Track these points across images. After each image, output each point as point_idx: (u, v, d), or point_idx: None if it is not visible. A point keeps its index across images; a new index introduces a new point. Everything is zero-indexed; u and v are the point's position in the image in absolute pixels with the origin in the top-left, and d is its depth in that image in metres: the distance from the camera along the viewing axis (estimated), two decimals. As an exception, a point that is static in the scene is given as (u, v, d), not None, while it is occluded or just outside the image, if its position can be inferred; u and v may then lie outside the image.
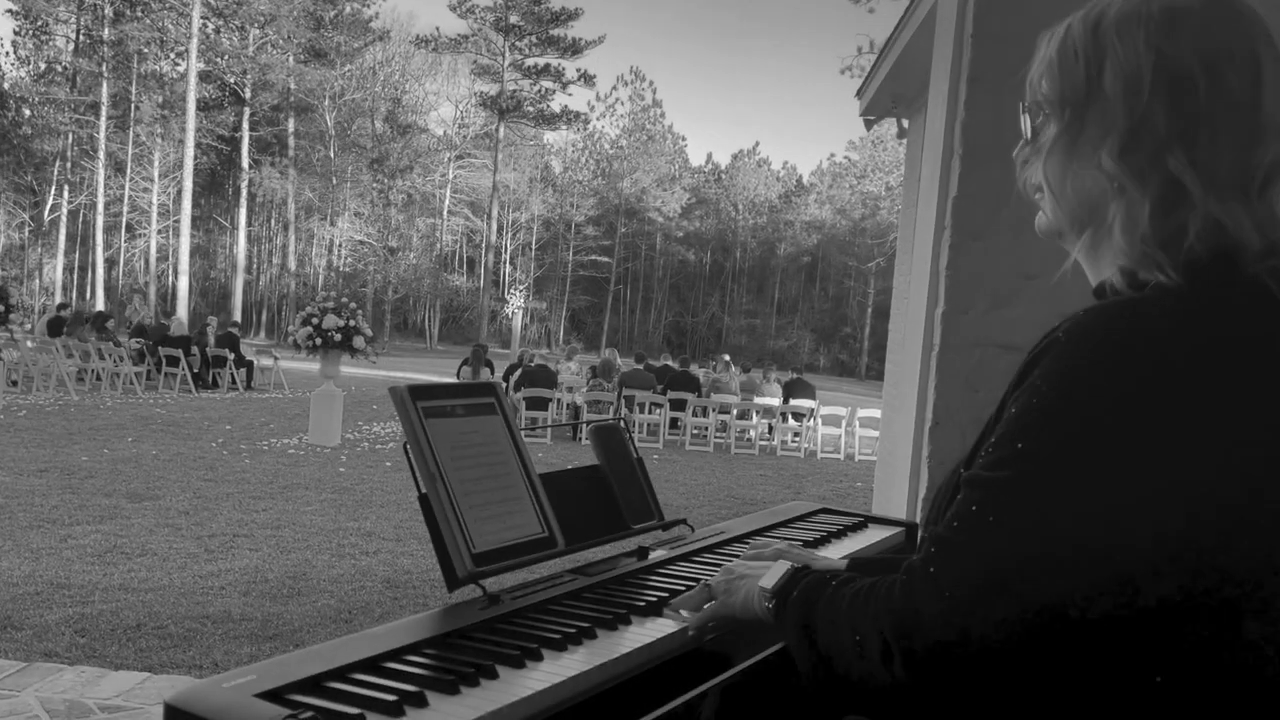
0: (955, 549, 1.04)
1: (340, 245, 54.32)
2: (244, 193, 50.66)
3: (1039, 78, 1.18)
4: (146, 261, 47.93)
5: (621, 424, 2.17)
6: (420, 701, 1.19)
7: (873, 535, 2.29)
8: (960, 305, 3.06)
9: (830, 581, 1.24)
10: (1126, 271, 1.10)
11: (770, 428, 16.66)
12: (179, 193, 45.29)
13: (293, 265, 53.86)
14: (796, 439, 16.67)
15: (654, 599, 1.65)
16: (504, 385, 16.16)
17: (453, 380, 14.88)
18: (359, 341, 12.27)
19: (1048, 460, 1.01)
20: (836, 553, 2.06)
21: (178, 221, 45.40)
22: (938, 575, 1.04)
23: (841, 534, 2.25)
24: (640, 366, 17.03)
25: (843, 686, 1.16)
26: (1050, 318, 1.12)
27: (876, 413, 14.43)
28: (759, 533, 2.22)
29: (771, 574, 1.37)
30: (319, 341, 12.12)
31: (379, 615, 5.21)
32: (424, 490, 1.64)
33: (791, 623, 1.25)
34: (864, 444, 15.60)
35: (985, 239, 3.04)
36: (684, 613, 1.57)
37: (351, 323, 12.23)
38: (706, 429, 15.89)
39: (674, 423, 15.91)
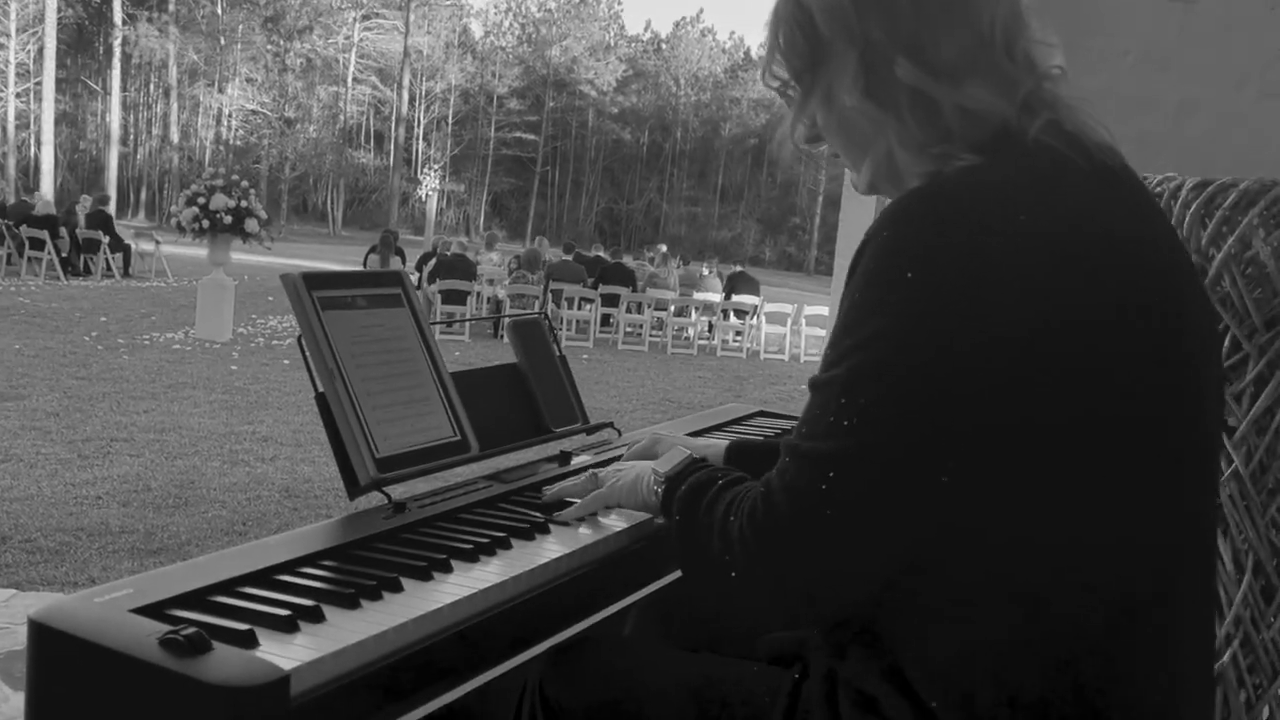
0: (803, 456, 1.14)
1: (230, 115, 52.70)
2: (117, 53, 48.68)
3: (773, 65, 1.31)
4: (3, 130, 46.09)
5: (543, 318, 2.17)
6: (316, 616, 1.20)
7: (814, 441, 2.33)
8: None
9: (717, 481, 1.34)
10: (928, 175, 1.20)
11: (710, 326, 16.77)
12: (40, 51, 43.33)
13: (175, 137, 52.21)
14: (738, 338, 16.81)
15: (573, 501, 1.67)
16: (417, 276, 16.01)
17: (358, 269, 14.66)
18: (252, 224, 12.03)
19: (874, 349, 1.10)
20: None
21: (39, 84, 43.54)
22: (791, 484, 1.14)
23: (777, 438, 2.28)
24: (569, 258, 16.95)
25: (718, 585, 1.26)
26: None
27: (825, 310, 14.59)
28: (691, 437, 2.24)
29: (667, 459, 1.47)
30: (206, 224, 11.85)
31: (276, 527, 5.22)
32: (321, 389, 1.63)
33: (675, 517, 1.36)
34: (811, 344, 15.81)
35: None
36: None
37: (243, 203, 11.97)
38: (641, 327, 15.94)
39: (606, 320, 15.93)
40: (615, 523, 1.64)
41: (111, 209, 20.87)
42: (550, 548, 1.53)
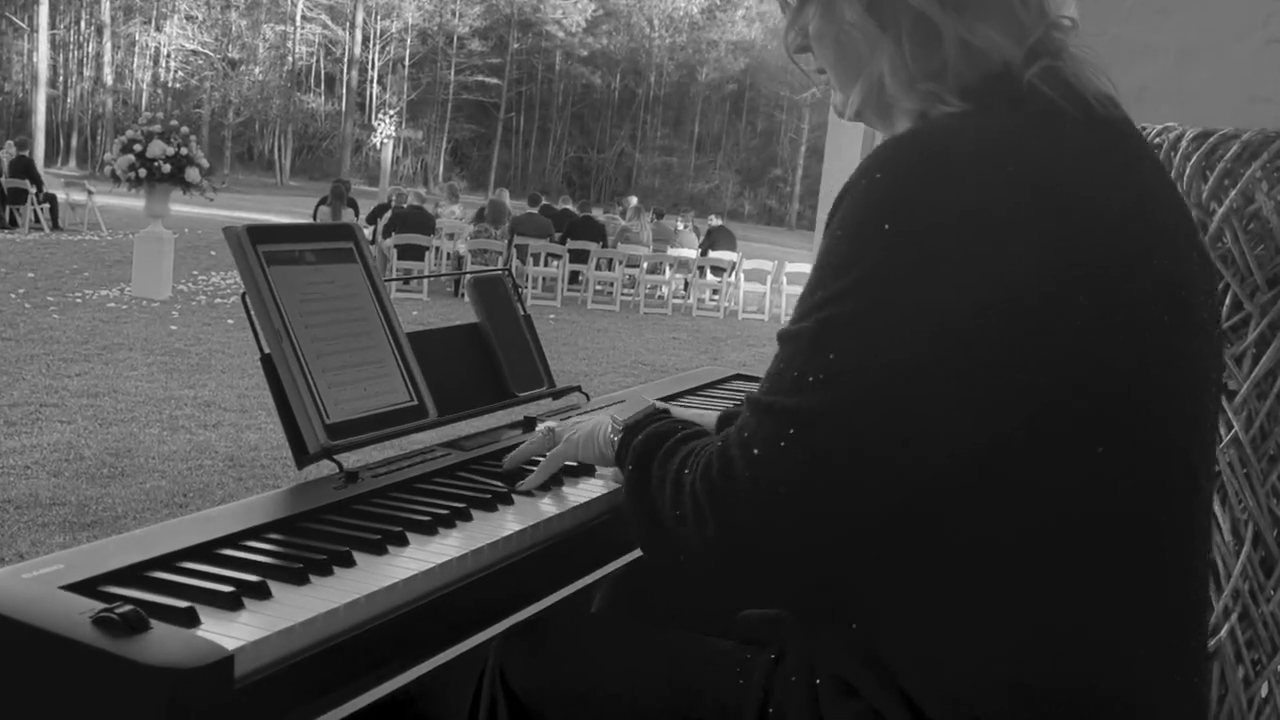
0: (764, 410, 1.14)
1: (168, 56, 51.98)
2: (44, -14, 47.85)
3: None
4: (-79, 69, 45.34)
5: (507, 275, 2.16)
6: (262, 593, 1.20)
7: (793, 406, 2.34)
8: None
9: (677, 431, 1.34)
10: (914, 114, 1.21)
11: (686, 284, 16.77)
12: (-40, -17, 42.60)
13: (109, 79, 51.48)
14: (715, 297, 16.82)
15: (532, 467, 1.67)
16: (371, 230, 15.90)
17: (307, 222, 14.55)
18: (192, 174, 11.91)
19: (846, 304, 1.10)
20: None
21: (-41, 20, 42.82)
22: (750, 439, 1.14)
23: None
24: (535, 210, 16.87)
25: (668, 545, 1.26)
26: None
27: (807, 267, 14.60)
28: (662, 401, 2.24)
29: (628, 407, 1.47)
30: (143, 173, 11.72)
31: (220, 498, 5.21)
32: (267, 350, 1.62)
33: (627, 467, 1.36)
34: (792, 303, 15.68)
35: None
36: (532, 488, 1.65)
37: (183, 151, 11.84)
38: (612, 285, 15.92)
39: (574, 277, 15.90)
40: (583, 493, 1.64)
41: (39, 155, 20.59)
42: (513, 519, 1.53)
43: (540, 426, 1.73)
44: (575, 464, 1.69)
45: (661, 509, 1.25)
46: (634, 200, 21.47)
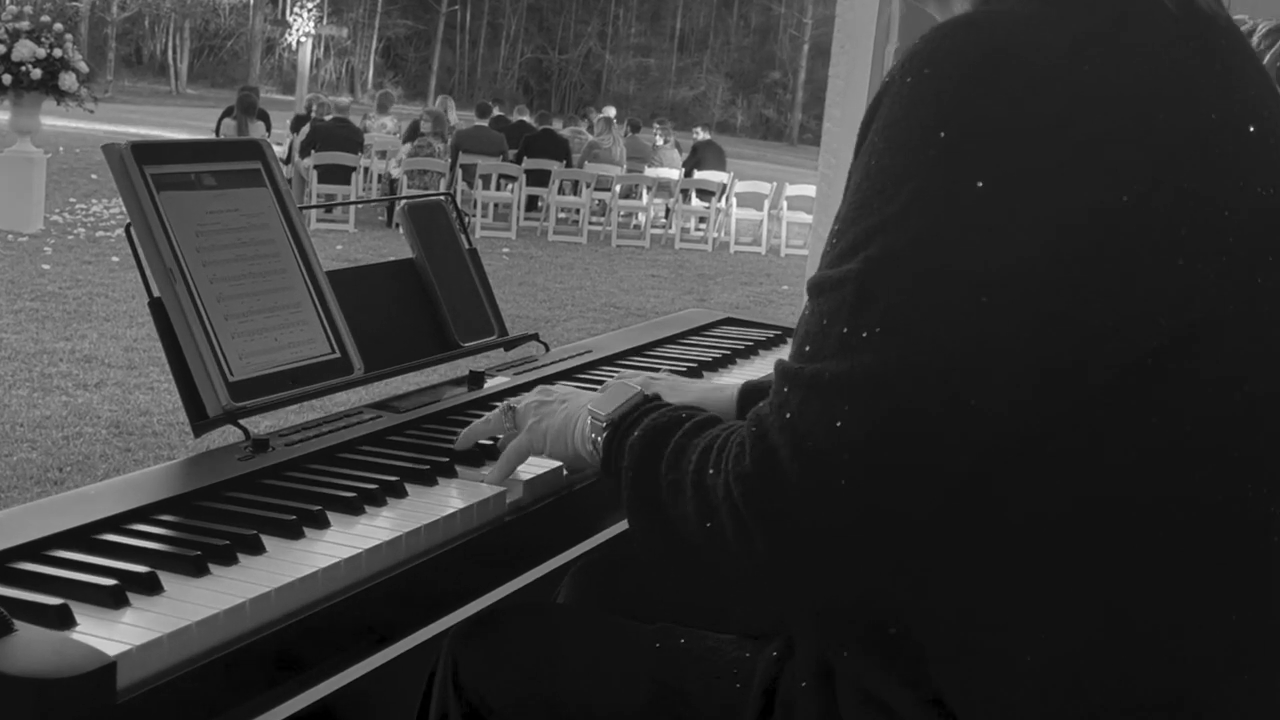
0: (807, 383, 1.08)
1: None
2: None
3: None
4: None
5: (449, 201, 2.16)
6: (151, 586, 1.19)
7: (793, 355, 2.34)
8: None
9: (682, 422, 1.28)
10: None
11: (667, 210, 16.77)
12: None
13: (-37, -36, 50.87)
14: (702, 226, 16.82)
15: (489, 443, 1.67)
16: (285, 147, 15.82)
17: (207, 138, 14.46)
18: (68, 80, 11.83)
19: (898, 234, 1.06)
20: (738, 379, 2.10)
21: None
22: (794, 422, 1.08)
23: (749, 353, 2.31)
24: (485, 123, 16.81)
25: (698, 561, 1.24)
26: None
27: (811, 190, 14.62)
28: (636, 352, 2.26)
29: (609, 397, 1.40)
30: (8, 80, 11.64)
31: (103, 473, 5.20)
32: (157, 293, 1.62)
33: (626, 473, 1.29)
34: (794, 232, 15.88)
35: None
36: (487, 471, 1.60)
37: (56, 52, 11.76)
38: (578, 211, 15.90)
39: (532, 203, 15.88)
40: (541, 463, 1.63)
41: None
42: (456, 495, 1.53)
43: (500, 406, 1.69)
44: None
45: (683, 522, 1.19)
46: (611, 111, 21.39)
